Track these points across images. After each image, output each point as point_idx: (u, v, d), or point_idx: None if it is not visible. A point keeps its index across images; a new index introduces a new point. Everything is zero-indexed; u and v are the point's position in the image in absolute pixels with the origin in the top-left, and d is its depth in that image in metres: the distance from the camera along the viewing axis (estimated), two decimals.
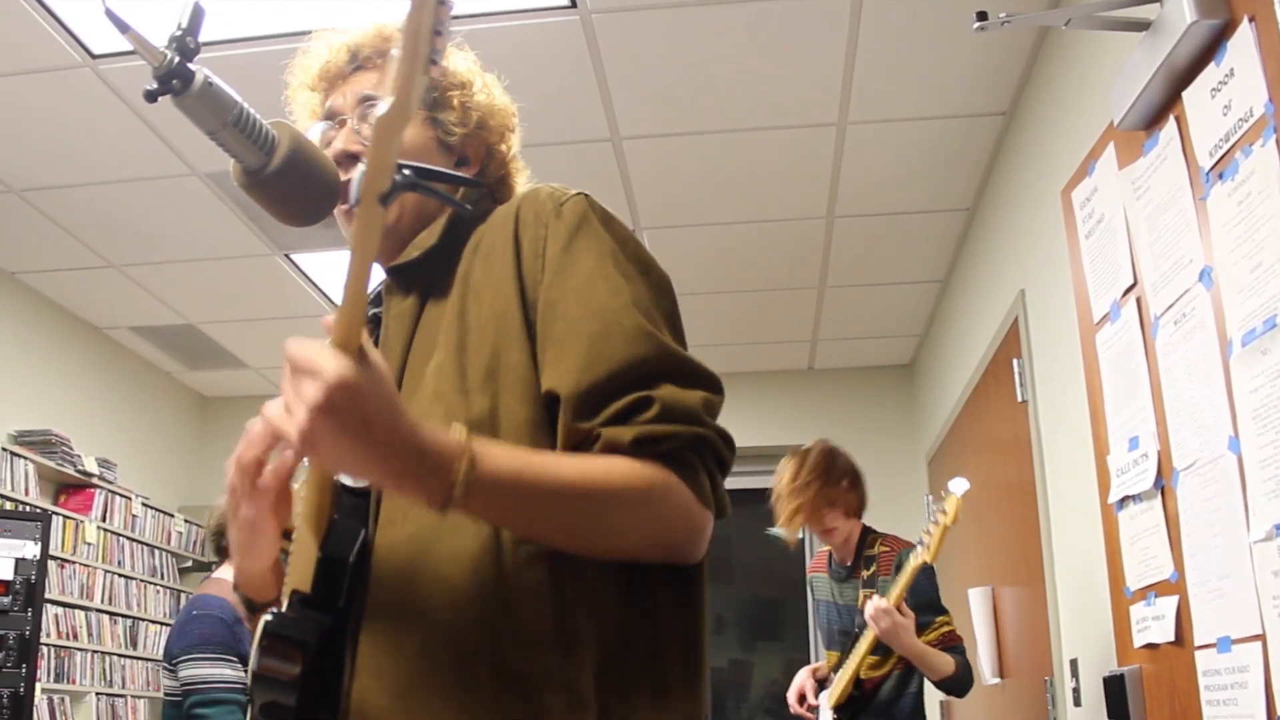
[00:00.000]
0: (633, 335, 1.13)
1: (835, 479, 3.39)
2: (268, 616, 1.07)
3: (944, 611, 3.29)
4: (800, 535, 3.45)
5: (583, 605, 1.09)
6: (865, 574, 3.37)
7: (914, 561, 3.13)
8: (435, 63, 0.89)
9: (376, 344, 1.27)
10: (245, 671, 2.84)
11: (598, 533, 1.09)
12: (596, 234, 1.21)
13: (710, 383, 1.17)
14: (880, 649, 3.24)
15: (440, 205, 1.33)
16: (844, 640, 3.42)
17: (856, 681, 3.30)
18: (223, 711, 2.77)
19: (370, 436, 0.93)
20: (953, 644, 3.22)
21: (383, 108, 0.89)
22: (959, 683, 3.20)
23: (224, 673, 2.82)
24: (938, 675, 3.16)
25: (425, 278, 1.29)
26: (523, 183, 1.46)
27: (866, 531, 3.45)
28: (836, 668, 3.41)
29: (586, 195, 1.27)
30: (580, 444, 1.12)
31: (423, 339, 1.24)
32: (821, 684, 3.52)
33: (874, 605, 3.10)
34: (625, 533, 1.10)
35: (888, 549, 3.38)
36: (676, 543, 1.14)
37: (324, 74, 1.40)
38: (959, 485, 3.16)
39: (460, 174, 1.32)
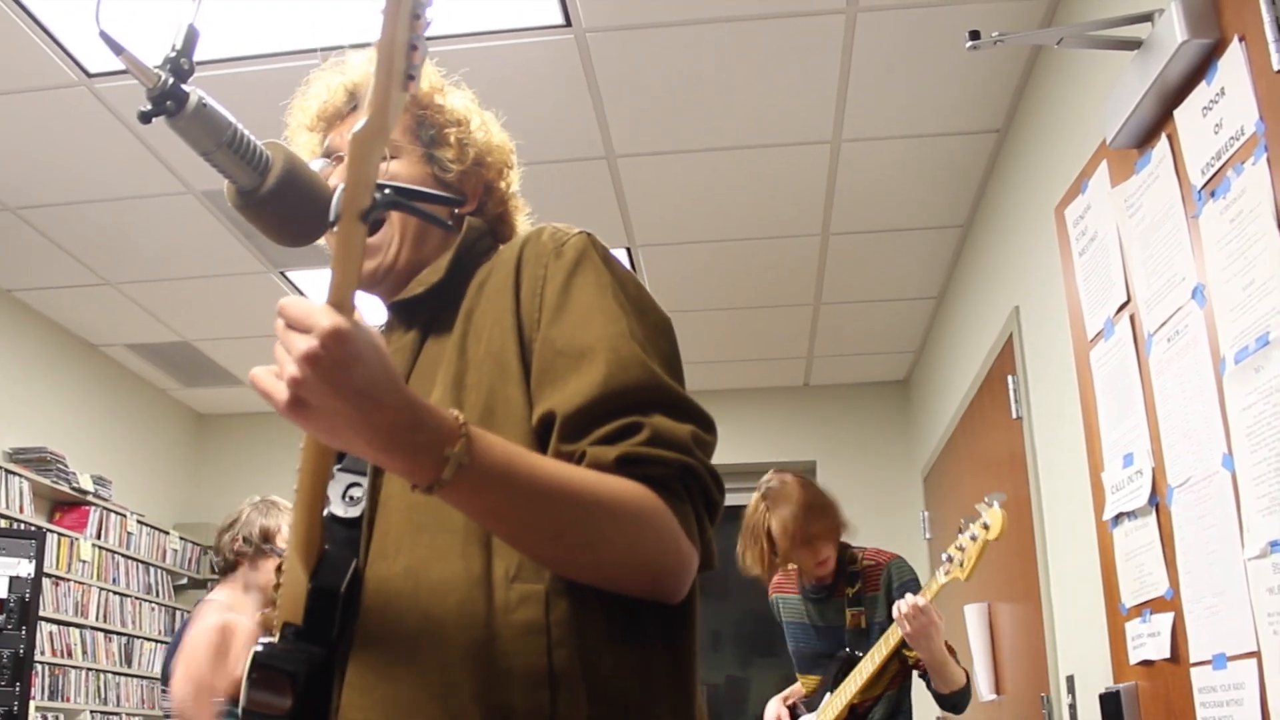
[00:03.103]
0: (628, 363, 1.12)
1: (830, 518, 3.17)
2: (258, 646, 1.05)
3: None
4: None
5: (574, 644, 1.07)
6: (850, 591, 3.20)
7: (943, 578, 2.95)
8: (412, 78, 0.88)
9: None
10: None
11: (583, 542, 1.06)
12: (596, 269, 1.21)
13: (703, 420, 1.15)
14: None
15: (440, 242, 1.33)
16: (827, 664, 3.22)
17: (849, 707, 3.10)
18: None
19: (362, 399, 0.89)
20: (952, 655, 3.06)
21: (359, 124, 0.88)
22: (964, 698, 3.07)
23: None
24: (949, 687, 3.01)
25: (427, 313, 1.28)
26: (523, 221, 1.45)
27: (844, 547, 3.24)
28: (815, 692, 3.24)
29: (589, 234, 1.26)
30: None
31: (421, 373, 1.23)
32: (793, 710, 3.35)
33: (908, 603, 2.90)
34: (611, 548, 1.07)
35: (872, 563, 3.22)
36: (661, 570, 1.11)
37: (322, 114, 1.39)
38: (996, 497, 2.98)
39: (441, 193, 1.32)
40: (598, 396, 1.10)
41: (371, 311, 1.29)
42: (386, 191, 0.96)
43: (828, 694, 3.16)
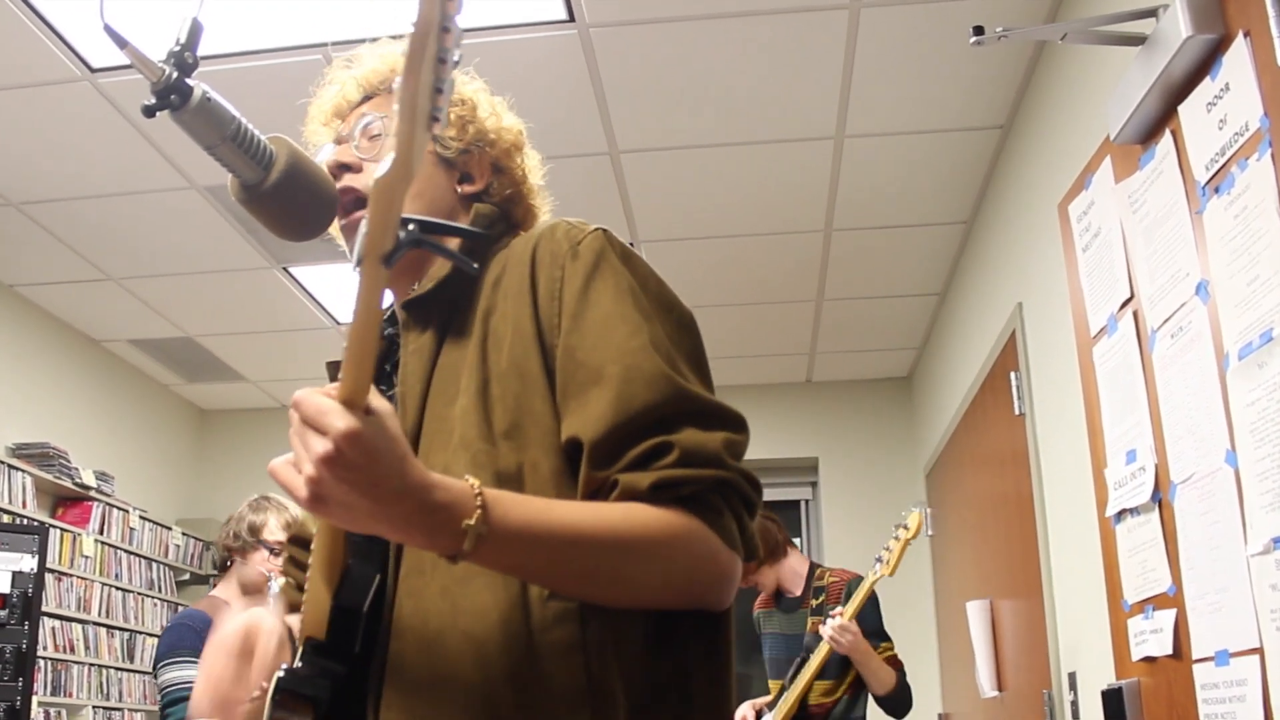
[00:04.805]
0: (651, 379, 1.11)
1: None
2: (280, 672, 1.05)
3: (888, 638, 3.54)
4: None
5: (612, 660, 1.08)
6: (814, 603, 3.59)
7: (872, 577, 3.39)
8: (437, 120, 0.86)
9: (395, 376, 1.26)
10: None
11: (616, 582, 1.07)
12: (614, 272, 1.19)
13: (733, 422, 1.14)
14: (829, 673, 3.47)
15: (446, 216, 1.32)
16: (794, 667, 3.56)
17: (803, 705, 3.49)
18: (185, 708, 2.75)
19: (379, 491, 0.91)
20: (896, 668, 3.47)
21: (382, 167, 0.86)
22: (899, 700, 3.45)
23: (190, 674, 2.81)
24: (882, 688, 3.41)
25: (442, 310, 1.27)
26: (543, 205, 1.44)
27: (814, 566, 3.71)
28: (777, 695, 3.57)
29: (605, 231, 1.24)
30: (598, 491, 1.10)
31: (443, 379, 1.21)
32: (759, 715, 3.65)
33: (833, 624, 3.32)
34: (645, 581, 1.08)
35: (836, 579, 3.62)
36: (702, 590, 1.12)
37: (336, 111, 1.41)
38: (919, 506, 3.55)
39: (464, 226, 1.30)
40: (623, 419, 1.09)
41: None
42: (410, 228, 0.95)
43: (784, 692, 3.56)
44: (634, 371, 1.11)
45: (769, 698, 3.63)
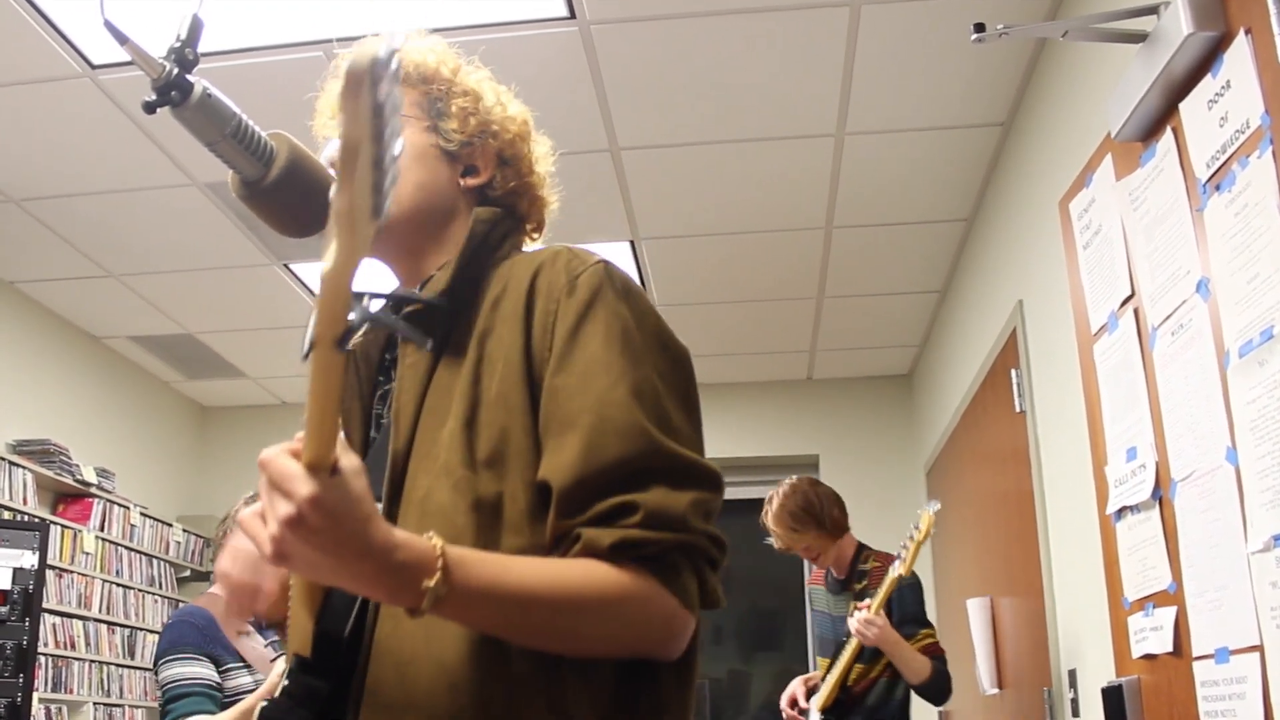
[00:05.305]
0: (626, 432, 1.10)
1: (815, 526, 3.61)
2: (263, 703, 1.08)
3: (928, 625, 3.54)
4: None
5: (583, 683, 1.09)
6: (857, 587, 3.61)
7: (892, 574, 3.41)
8: (381, 210, 0.86)
9: (393, 372, 1.26)
10: (217, 670, 2.83)
11: (571, 639, 1.08)
12: (608, 311, 1.17)
13: (705, 480, 1.13)
14: (864, 657, 3.50)
15: (447, 224, 1.32)
16: (835, 648, 3.61)
17: (844, 686, 3.52)
18: (188, 704, 2.75)
19: (342, 551, 0.94)
20: (934, 655, 3.45)
21: (326, 261, 0.86)
22: (936, 688, 3.43)
23: (192, 670, 2.81)
24: (916, 677, 3.40)
25: (441, 323, 1.25)
26: (550, 195, 1.43)
27: (861, 548, 3.71)
28: (825, 674, 3.62)
29: (606, 265, 1.22)
30: (562, 539, 1.11)
31: (436, 398, 1.21)
32: (812, 691, 3.68)
33: (859, 618, 3.37)
34: (599, 637, 1.09)
35: (879, 564, 3.61)
36: (653, 646, 1.12)
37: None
38: (931, 505, 3.56)
39: (422, 296, 1.27)
40: (591, 471, 1.09)
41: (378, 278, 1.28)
42: (365, 303, 0.95)
43: (829, 673, 3.59)
44: (609, 424, 1.10)
45: (819, 674, 3.69)
